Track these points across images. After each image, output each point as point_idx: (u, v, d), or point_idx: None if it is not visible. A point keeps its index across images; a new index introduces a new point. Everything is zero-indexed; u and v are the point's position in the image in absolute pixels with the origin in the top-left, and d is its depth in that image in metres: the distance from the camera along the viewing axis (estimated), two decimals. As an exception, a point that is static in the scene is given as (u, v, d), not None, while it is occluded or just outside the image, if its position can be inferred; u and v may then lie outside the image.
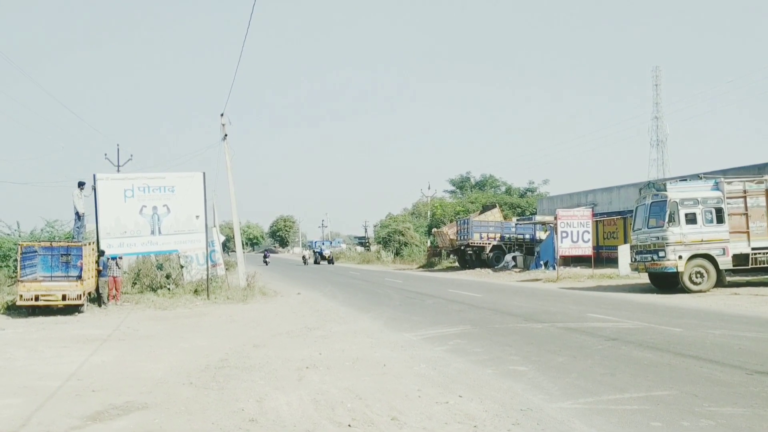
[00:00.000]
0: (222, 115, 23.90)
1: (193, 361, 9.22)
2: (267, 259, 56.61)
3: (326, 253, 63.83)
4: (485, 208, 44.36)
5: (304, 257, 64.31)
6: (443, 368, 8.53)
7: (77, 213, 18.66)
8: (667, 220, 18.61)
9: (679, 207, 18.60)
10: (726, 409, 6.12)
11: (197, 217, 18.95)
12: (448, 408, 6.51)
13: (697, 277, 18.52)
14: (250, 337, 11.76)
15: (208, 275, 19.94)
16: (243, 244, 24.58)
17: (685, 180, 19.94)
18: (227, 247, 43.99)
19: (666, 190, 18.91)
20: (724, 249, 18.60)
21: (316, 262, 62.27)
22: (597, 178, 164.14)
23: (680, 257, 18.45)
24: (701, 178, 19.67)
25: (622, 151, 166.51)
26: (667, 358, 8.70)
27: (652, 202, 19.43)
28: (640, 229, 20.02)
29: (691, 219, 18.63)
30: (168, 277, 20.89)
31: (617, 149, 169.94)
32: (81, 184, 18.48)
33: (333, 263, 60.64)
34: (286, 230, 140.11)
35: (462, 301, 18.24)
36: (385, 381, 7.83)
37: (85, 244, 16.67)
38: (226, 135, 23.65)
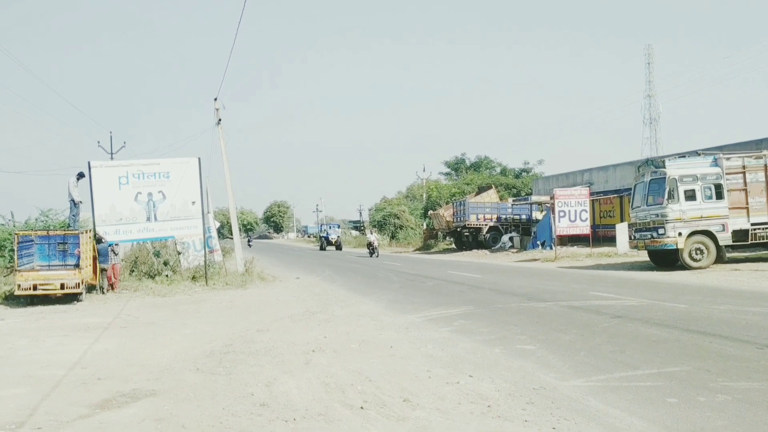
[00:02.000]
0: (216, 99, 23.63)
1: (198, 347, 9.12)
2: (250, 243, 59.52)
3: (333, 237, 57.40)
4: (481, 190, 44.39)
5: (323, 241, 57.27)
6: (451, 348, 8.46)
7: (72, 201, 18.46)
8: (666, 197, 18.58)
9: (678, 184, 18.55)
10: (740, 384, 6.07)
11: (193, 203, 18.79)
12: (460, 388, 6.44)
13: (697, 254, 18.53)
14: (253, 322, 11.67)
15: (206, 261, 19.82)
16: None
17: (684, 157, 19.87)
18: (221, 233, 43.83)
19: (665, 167, 18.86)
20: (723, 225, 18.60)
21: (322, 248, 56.38)
22: (591, 157, 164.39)
23: (680, 234, 18.44)
24: (700, 155, 19.60)
25: (615, 131, 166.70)
26: (675, 334, 8.65)
27: (651, 180, 19.37)
28: (639, 207, 19.98)
29: (690, 195, 18.60)
30: (166, 264, 20.74)
31: (611, 128, 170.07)
32: (80, 175, 18.26)
33: (341, 249, 55.21)
34: (281, 216, 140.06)
35: (462, 282, 18.19)
36: (394, 362, 7.75)
37: (82, 232, 16.49)
38: (220, 120, 23.39)
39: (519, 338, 9.01)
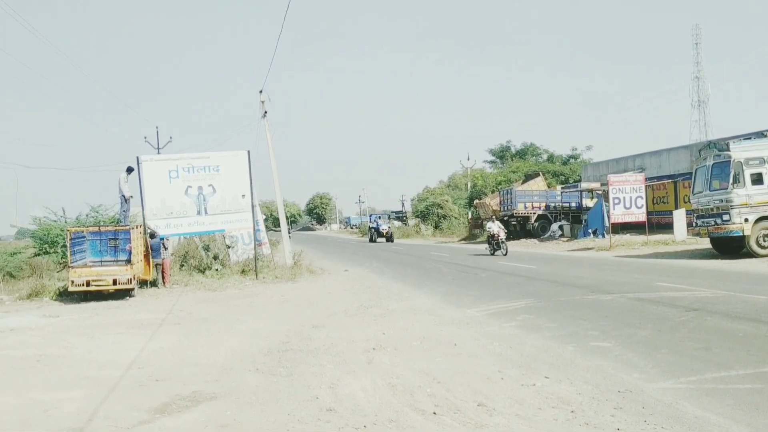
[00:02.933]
0: (261, 92, 23.54)
1: (254, 345, 8.86)
2: (290, 234, 58.28)
3: (384, 228, 52.50)
4: (528, 177, 43.39)
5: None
6: (519, 346, 8.00)
7: (123, 196, 18.49)
8: (731, 181, 17.67)
9: (744, 167, 17.63)
10: None
11: (243, 196, 18.63)
12: (537, 391, 5.99)
13: (764, 241, 17.63)
14: (307, 317, 11.39)
15: (255, 255, 19.69)
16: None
17: (749, 138, 18.88)
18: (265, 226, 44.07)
19: (729, 150, 17.92)
20: (792, 210, 17.59)
21: (371, 240, 52.43)
22: (640, 143, 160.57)
23: (746, 220, 17.54)
24: (766, 136, 18.59)
25: (663, 114, 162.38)
26: (763, 328, 8.03)
27: (714, 163, 18.46)
28: (701, 192, 19.08)
29: (756, 179, 17.66)
30: (215, 258, 20.69)
31: (658, 112, 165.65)
32: (129, 170, 18.27)
33: (393, 240, 50.59)
34: (323, 207, 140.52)
35: (517, 273, 17.64)
36: (461, 362, 7.34)
37: (133, 228, 16.49)
38: (266, 112, 23.26)
39: (591, 334, 8.49)
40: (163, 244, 17.94)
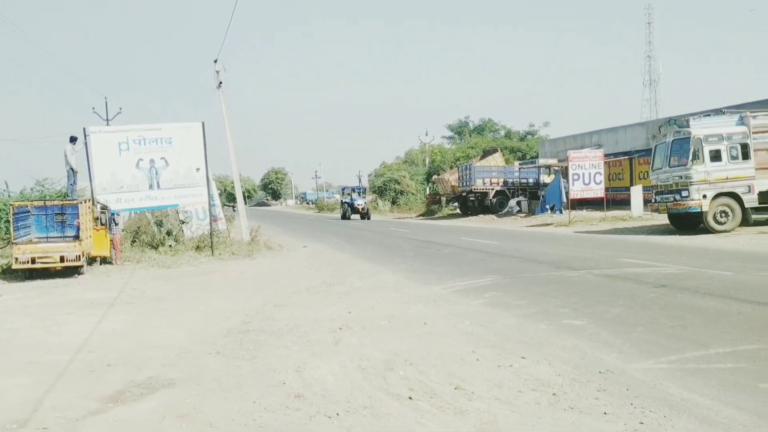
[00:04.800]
0: (216, 61, 22.60)
1: (213, 325, 8.41)
2: (235, 209, 56.66)
3: (359, 204, 46.02)
4: (486, 153, 43.44)
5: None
6: (491, 325, 7.75)
7: (71, 169, 17.59)
8: (690, 158, 17.77)
9: (704, 144, 17.74)
10: (837, 365, 5.38)
11: (197, 169, 17.97)
12: (515, 373, 5.74)
13: (721, 217, 17.81)
14: (268, 295, 10.95)
15: (211, 230, 19.05)
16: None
17: (709, 116, 18.99)
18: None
19: (689, 127, 18.00)
20: (749, 186, 17.83)
21: (345, 217, 46.37)
22: (594, 119, 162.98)
23: (704, 196, 17.70)
24: (725, 113, 18.76)
25: (616, 92, 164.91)
26: (734, 305, 7.95)
27: (673, 140, 18.53)
28: (661, 169, 19.18)
29: (715, 156, 17.80)
30: (169, 234, 19.93)
31: (612, 90, 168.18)
32: (73, 139, 17.37)
33: (369, 217, 45.14)
34: (278, 182, 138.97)
35: (479, 249, 17.48)
36: (432, 342, 7.05)
37: (81, 202, 15.68)
38: (221, 82, 22.40)
39: (562, 312, 8.30)
40: (114, 219, 17.18)
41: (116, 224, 17.36)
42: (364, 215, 45.14)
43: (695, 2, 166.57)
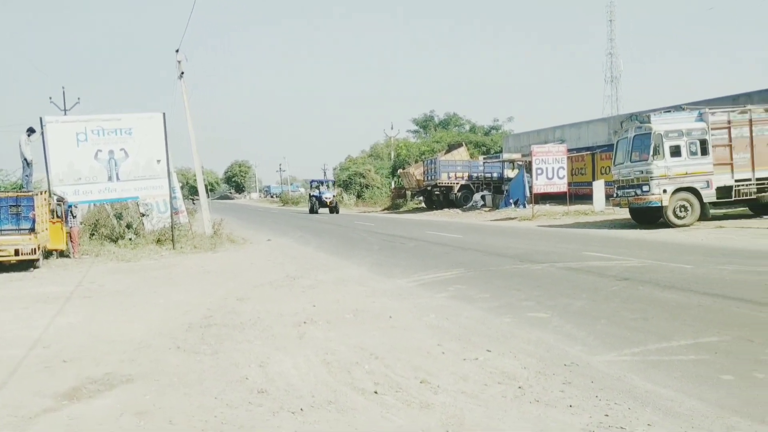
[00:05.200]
0: (177, 51, 22.20)
1: (174, 320, 8.22)
2: (194, 202, 56.19)
3: (327, 197, 44.31)
4: (451, 147, 43.59)
5: None
6: (455, 318, 7.73)
7: (25, 160, 17.06)
8: (651, 153, 18.05)
9: (664, 139, 18.04)
10: (795, 356, 5.47)
11: (158, 161, 17.58)
12: (480, 366, 5.71)
13: (681, 211, 18.15)
14: (230, 289, 10.77)
15: (172, 223, 18.70)
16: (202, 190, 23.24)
17: (669, 111, 19.32)
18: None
19: (650, 122, 18.28)
20: (708, 182, 18.21)
21: (312, 211, 44.45)
22: (557, 115, 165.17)
23: (665, 191, 18.01)
24: (685, 109, 19.10)
25: (579, 89, 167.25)
26: (694, 298, 8.06)
27: (635, 135, 18.81)
28: (622, 164, 19.46)
29: (675, 152, 18.12)
30: (129, 226, 19.52)
31: (575, 86, 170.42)
32: (30, 131, 16.82)
33: (338, 211, 43.62)
34: (242, 175, 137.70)
35: (444, 242, 17.50)
36: (397, 335, 6.99)
37: (37, 194, 15.22)
38: (182, 73, 22.03)
39: (526, 305, 8.32)
40: (71, 211, 16.76)
41: (74, 217, 16.94)
42: (333, 209, 43.54)
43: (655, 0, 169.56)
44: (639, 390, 4.89)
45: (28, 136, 16.82)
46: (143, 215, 20.13)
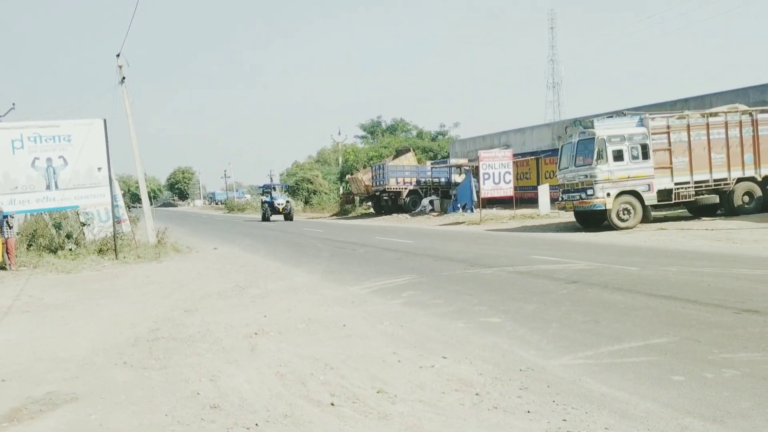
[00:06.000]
0: (118, 56, 21.62)
1: (119, 334, 7.93)
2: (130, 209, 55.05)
3: (280, 203, 41.88)
4: (399, 153, 43.78)
5: None
6: (410, 325, 7.69)
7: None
8: (595, 157, 18.45)
9: (607, 144, 18.45)
10: (740, 355, 5.60)
11: (99, 169, 17.08)
12: (437, 373, 5.68)
13: (624, 214, 18.60)
14: (176, 300, 10.49)
15: (114, 233, 18.15)
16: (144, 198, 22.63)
17: (611, 117, 19.79)
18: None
19: (594, 128, 18.69)
20: (649, 185, 18.72)
21: (265, 219, 42.30)
22: (502, 120, 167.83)
23: (608, 195, 18.43)
24: (626, 115, 19.59)
25: (522, 94, 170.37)
26: (641, 300, 8.23)
27: (579, 140, 19.19)
28: (567, 168, 19.82)
29: (618, 156, 18.56)
30: (69, 237, 18.86)
31: (518, 92, 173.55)
32: None
33: (292, 218, 41.54)
34: (185, 182, 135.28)
35: (395, 248, 17.48)
36: (352, 344, 6.90)
37: (-30, 204, 14.56)
38: (124, 78, 21.47)
39: (479, 309, 8.34)
40: (7, 222, 16.07)
41: (10, 227, 16.25)
42: (287, 216, 41.34)
43: (595, 6, 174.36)
44: (594, 393, 4.93)
45: None
46: (84, 225, 19.46)
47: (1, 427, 4.77)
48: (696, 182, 19.10)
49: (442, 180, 38.67)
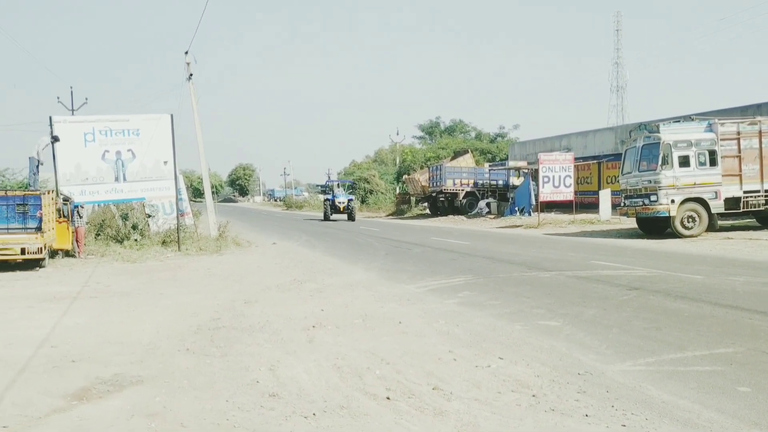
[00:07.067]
0: (186, 53, 22.21)
1: (182, 321, 8.17)
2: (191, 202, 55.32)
3: (341, 201, 38.85)
4: (457, 154, 43.58)
5: None
6: (466, 324, 7.67)
7: (38, 161, 17.02)
8: (660, 163, 17.98)
9: (673, 149, 17.96)
10: (812, 369, 5.40)
11: (165, 162, 17.58)
12: (493, 373, 5.65)
13: (689, 222, 18.07)
14: (237, 291, 10.73)
15: (178, 225, 18.67)
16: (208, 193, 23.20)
17: (678, 122, 19.25)
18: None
19: (659, 132, 18.21)
20: (716, 192, 18.13)
21: (326, 219, 39.37)
22: (563, 124, 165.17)
23: (672, 201, 17.93)
24: (694, 120, 19.03)
25: (585, 98, 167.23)
26: (707, 309, 7.99)
27: (643, 145, 18.73)
28: (630, 173, 19.37)
29: (684, 162, 18.04)
30: (134, 227, 19.50)
31: (581, 95, 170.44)
32: (55, 139, 16.53)
33: (354, 218, 38.60)
34: (246, 179, 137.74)
35: (451, 249, 17.44)
36: (408, 341, 6.93)
37: (44, 193, 15.21)
38: (191, 74, 22.02)
39: (537, 312, 8.26)
40: (78, 211, 16.74)
41: (80, 217, 16.91)
42: (350, 215, 38.46)
43: (662, 10, 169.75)
44: (655, 400, 4.83)
45: (52, 143, 16.65)
46: (149, 216, 20.13)
47: (72, 405, 4.98)
48: (767, 191, 18.38)
49: (500, 182, 38.31)
